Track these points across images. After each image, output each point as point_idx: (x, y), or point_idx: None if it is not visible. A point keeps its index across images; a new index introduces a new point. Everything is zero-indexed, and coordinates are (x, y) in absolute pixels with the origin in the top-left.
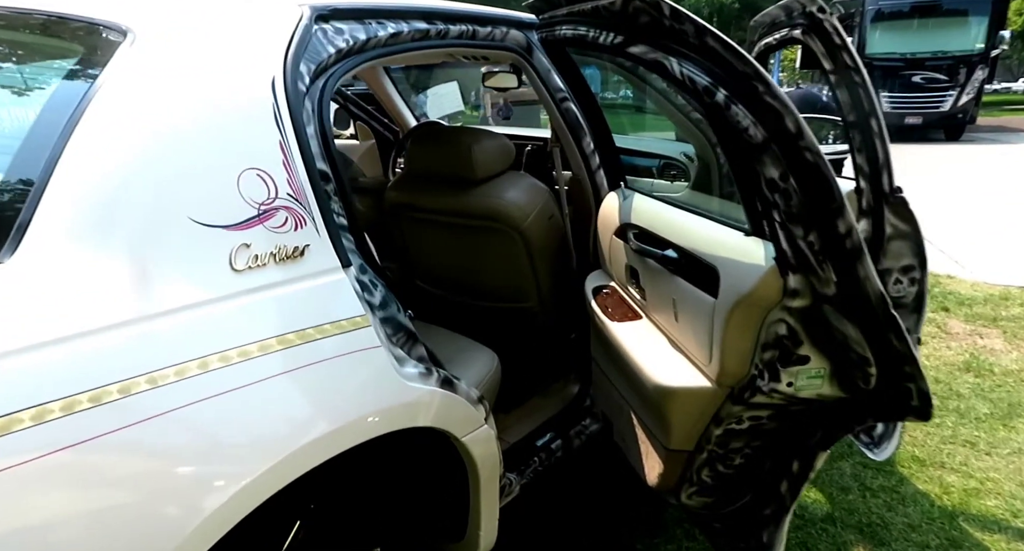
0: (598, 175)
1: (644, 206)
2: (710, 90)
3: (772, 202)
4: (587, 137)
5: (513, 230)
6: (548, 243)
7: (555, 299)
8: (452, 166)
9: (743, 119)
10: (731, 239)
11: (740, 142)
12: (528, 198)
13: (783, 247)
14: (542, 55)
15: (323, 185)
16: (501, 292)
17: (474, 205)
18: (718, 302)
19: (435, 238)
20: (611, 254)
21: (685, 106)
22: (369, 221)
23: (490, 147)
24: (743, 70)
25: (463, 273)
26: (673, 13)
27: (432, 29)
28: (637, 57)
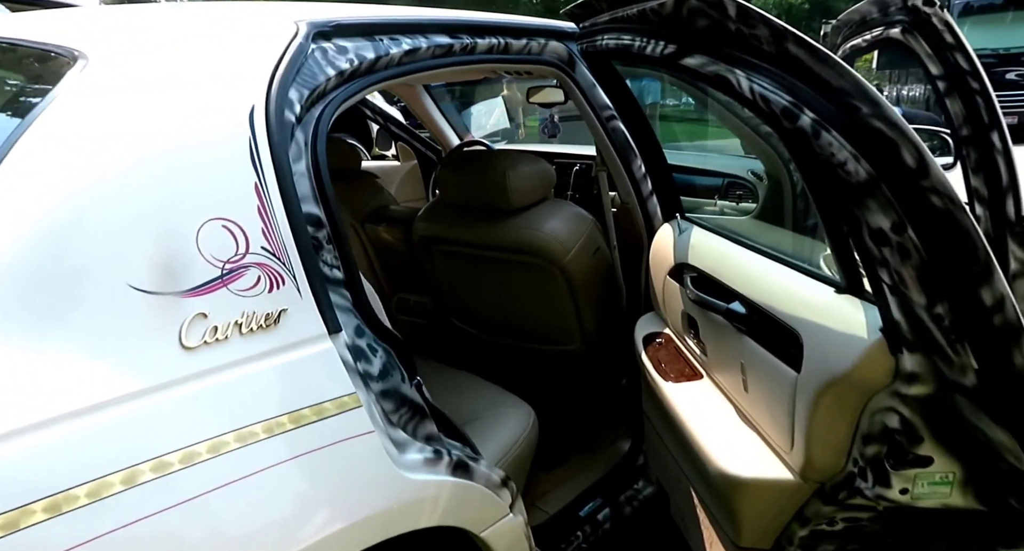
0: (650, 203)
1: (704, 244)
2: (791, 112)
3: (879, 259)
4: (638, 160)
5: (553, 265)
6: (593, 279)
7: (602, 342)
8: (484, 195)
9: (839, 151)
10: (818, 296)
11: (834, 180)
12: (570, 229)
13: (895, 317)
14: (585, 69)
15: (312, 232)
16: (542, 333)
17: (509, 238)
18: (802, 377)
19: (469, 273)
20: (665, 297)
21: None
22: (401, 254)
23: (526, 173)
24: (840, 85)
25: (500, 311)
26: (741, 13)
27: (456, 44)
28: (694, 71)
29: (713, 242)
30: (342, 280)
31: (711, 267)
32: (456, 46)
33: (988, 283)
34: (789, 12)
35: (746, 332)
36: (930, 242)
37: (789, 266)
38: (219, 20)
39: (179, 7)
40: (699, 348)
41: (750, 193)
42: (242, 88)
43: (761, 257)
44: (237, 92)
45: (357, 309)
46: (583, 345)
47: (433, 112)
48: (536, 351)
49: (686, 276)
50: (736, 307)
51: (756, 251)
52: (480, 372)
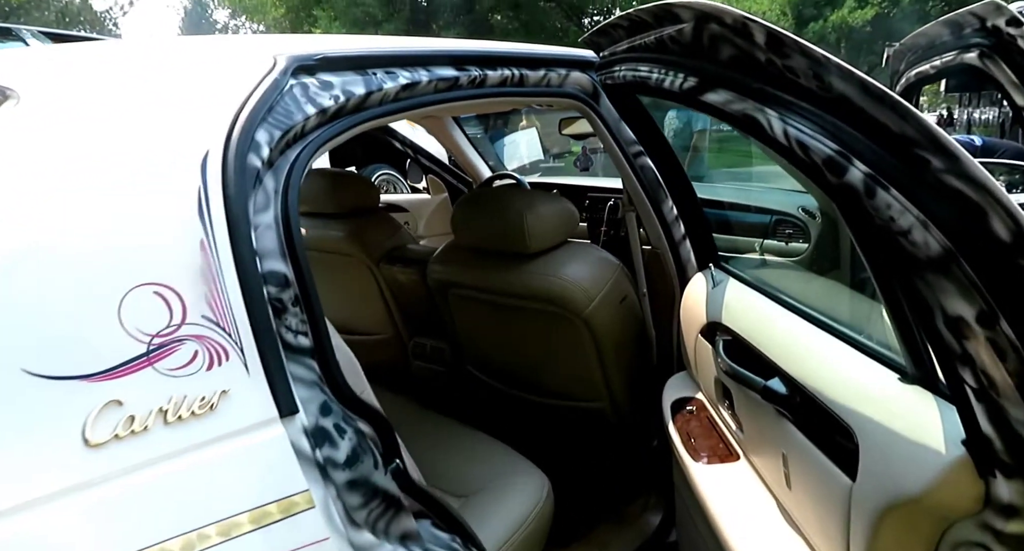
0: (683, 248)
1: (740, 300)
2: (837, 163)
3: (960, 354)
4: (668, 200)
5: (575, 316)
6: (620, 331)
7: (630, 399)
8: (500, 238)
9: (901, 215)
10: (877, 383)
11: (895, 251)
12: (594, 276)
13: (984, 430)
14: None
15: (275, 294)
16: (563, 388)
17: (527, 285)
18: (858, 488)
19: (486, 320)
20: (697, 358)
21: None
22: (419, 296)
23: (546, 214)
24: (901, 131)
25: (518, 362)
26: (772, 40)
27: (463, 77)
28: (718, 109)
29: (750, 299)
30: (309, 349)
31: (747, 330)
32: (463, 79)
33: None
34: (849, 36)
35: (788, 418)
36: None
37: (841, 338)
38: (186, 55)
39: (150, 43)
40: (735, 423)
41: (801, 232)
42: (197, 130)
43: (807, 323)
44: (190, 135)
45: (326, 382)
46: (609, 403)
47: (462, 143)
48: (557, 407)
49: (719, 339)
50: (776, 386)
51: (801, 314)
52: (496, 427)
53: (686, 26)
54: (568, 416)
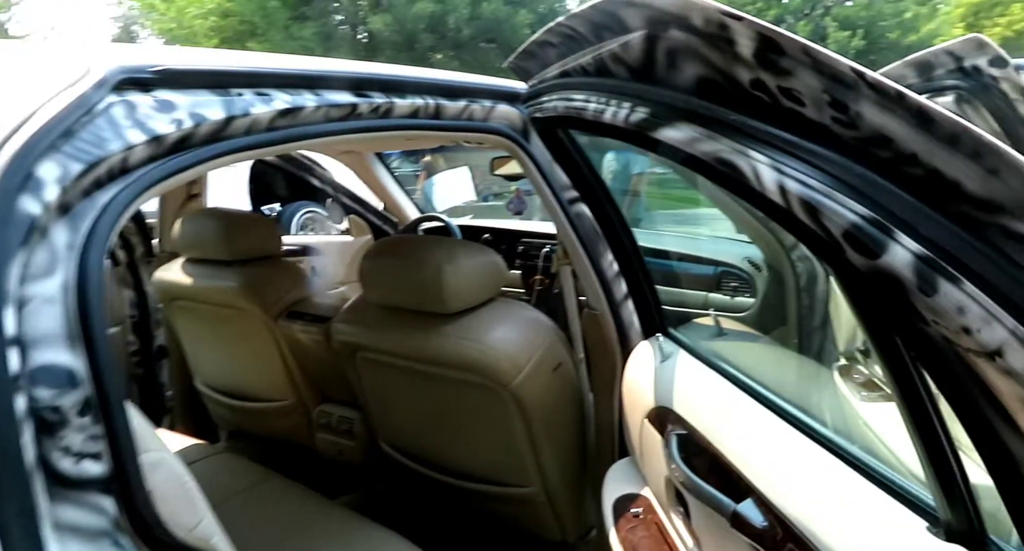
0: (624, 310)
1: (695, 382)
2: (869, 238)
3: None
4: (608, 254)
5: (500, 388)
6: (554, 404)
7: (566, 484)
8: (415, 295)
9: (984, 325)
10: (898, 532)
11: (964, 378)
12: (523, 341)
13: None
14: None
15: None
16: (489, 470)
17: (445, 350)
18: None
19: (400, 389)
20: (643, 447)
21: None
22: (323, 359)
23: (469, 268)
24: (988, 195)
25: (436, 439)
26: (765, 51)
27: (364, 104)
28: (678, 151)
29: (709, 383)
30: (100, 479)
31: (707, 426)
32: (363, 107)
33: None
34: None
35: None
36: None
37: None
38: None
39: None
40: (692, 539)
41: (747, 285)
42: None
43: (787, 425)
44: None
45: (130, 525)
46: (541, 489)
47: (385, 181)
48: (481, 493)
49: (670, 431)
50: (749, 513)
51: (779, 413)
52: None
53: (633, 38)
54: (494, 503)
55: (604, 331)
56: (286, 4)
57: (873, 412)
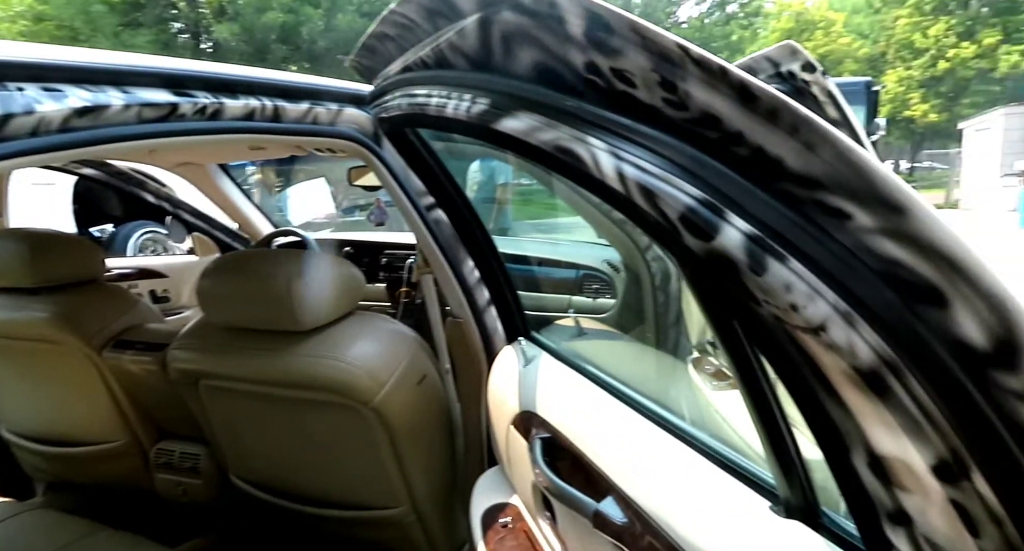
0: (488, 317)
1: (557, 384)
2: (702, 219)
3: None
4: (468, 261)
5: (362, 406)
6: (420, 418)
7: (435, 501)
8: (264, 313)
9: (809, 301)
10: (743, 512)
11: (795, 355)
12: (384, 355)
13: None
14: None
15: None
16: (353, 495)
17: (300, 371)
18: None
19: (250, 417)
20: (510, 454)
21: None
22: (161, 391)
23: (322, 281)
24: (807, 171)
25: (297, 468)
26: (595, 29)
27: (185, 104)
28: (520, 142)
29: (570, 383)
30: None
31: (569, 427)
32: (185, 107)
33: None
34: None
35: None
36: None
37: (678, 436)
38: None
39: None
40: (560, 544)
41: (607, 287)
42: None
43: (645, 420)
44: None
45: None
46: (410, 508)
47: (233, 195)
48: (346, 520)
49: (534, 435)
50: (610, 511)
51: (637, 408)
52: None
53: (468, 24)
54: (362, 529)
55: (468, 339)
56: (114, 9)
57: (723, 400)
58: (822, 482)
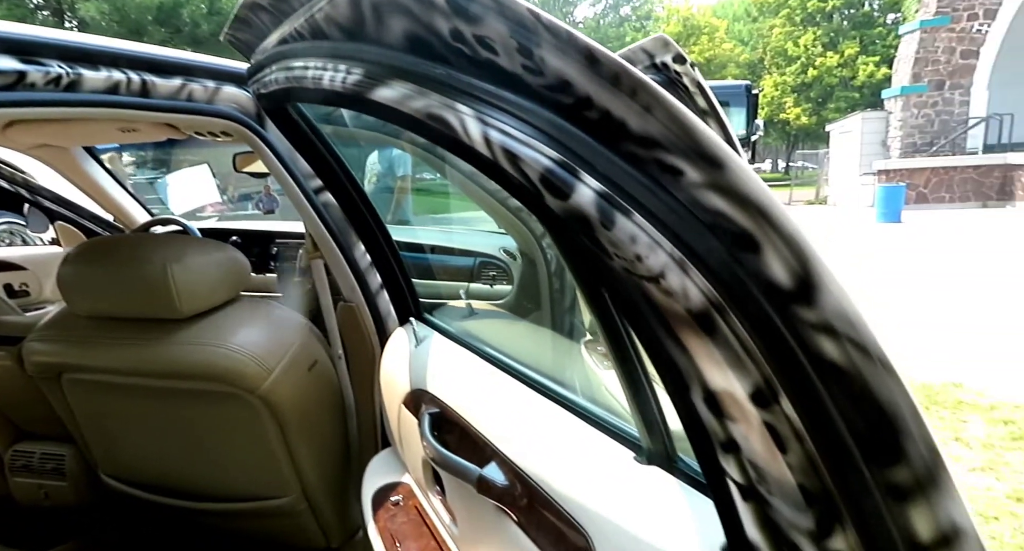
0: (380, 301)
1: (446, 360)
2: (559, 179)
3: (723, 440)
4: (359, 245)
5: (248, 394)
6: (310, 406)
7: (327, 487)
8: (136, 301)
9: (650, 252)
10: (611, 464)
11: (642, 302)
12: (271, 342)
13: (749, 536)
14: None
15: None
16: (240, 486)
17: (178, 360)
18: None
19: (122, 411)
20: (402, 433)
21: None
22: (18, 387)
23: (202, 265)
24: (644, 130)
25: (177, 462)
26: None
27: (36, 73)
28: (394, 111)
29: (459, 360)
30: None
31: (457, 401)
32: (35, 76)
33: (929, 503)
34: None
35: (510, 516)
36: (824, 425)
37: (568, 407)
38: None
39: None
40: (449, 515)
41: (504, 274)
42: None
43: (528, 389)
44: None
45: None
46: (301, 496)
47: (101, 180)
48: (232, 513)
49: (424, 411)
50: (493, 475)
51: (520, 378)
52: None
53: None
54: (250, 521)
55: (361, 323)
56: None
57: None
58: (680, 433)
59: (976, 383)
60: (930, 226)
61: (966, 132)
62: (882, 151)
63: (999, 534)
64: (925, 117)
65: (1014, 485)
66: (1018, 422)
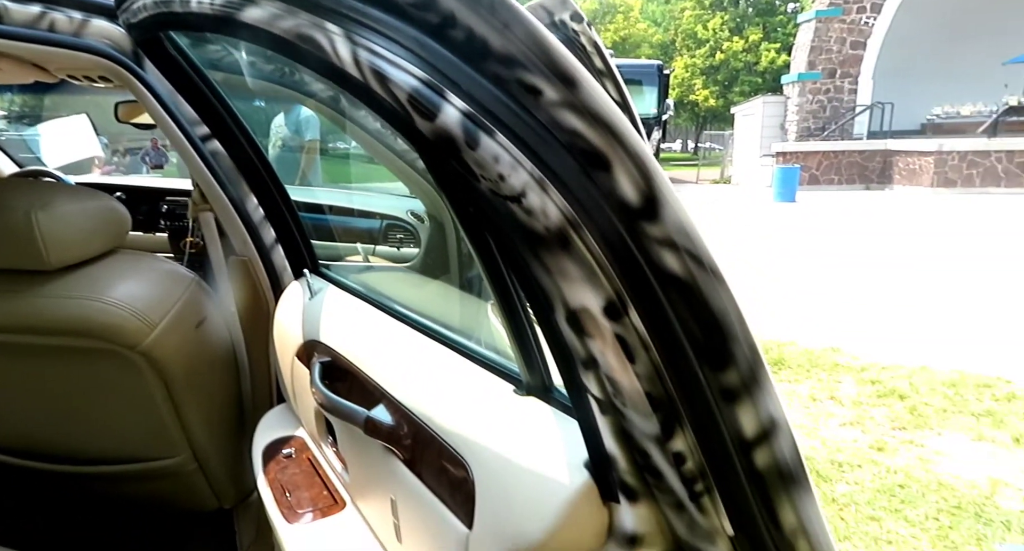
0: (275, 255)
1: (340, 312)
2: (426, 100)
3: (584, 357)
4: (252, 197)
5: (128, 350)
6: (199, 363)
7: (219, 447)
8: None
9: (512, 171)
10: (492, 398)
11: (507, 225)
12: (154, 296)
13: (608, 448)
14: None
15: None
16: (126, 447)
17: (50, 314)
18: (474, 537)
19: None
20: (295, 386)
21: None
22: None
23: (73, 214)
24: (503, 48)
25: (51, 424)
26: None
27: None
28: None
29: (352, 310)
30: None
31: (348, 348)
32: None
33: (752, 402)
34: None
35: (396, 455)
36: (665, 333)
37: (452, 347)
38: None
39: None
40: (340, 463)
41: (412, 237)
42: None
43: (417, 334)
44: None
45: None
46: (190, 457)
47: None
48: (114, 476)
49: (315, 361)
50: (379, 416)
51: (410, 324)
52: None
53: None
54: (136, 484)
55: (254, 278)
56: None
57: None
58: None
59: (852, 348)
60: (820, 207)
61: (853, 119)
62: (781, 134)
63: (861, 480)
64: (818, 103)
65: (876, 437)
66: (884, 382)
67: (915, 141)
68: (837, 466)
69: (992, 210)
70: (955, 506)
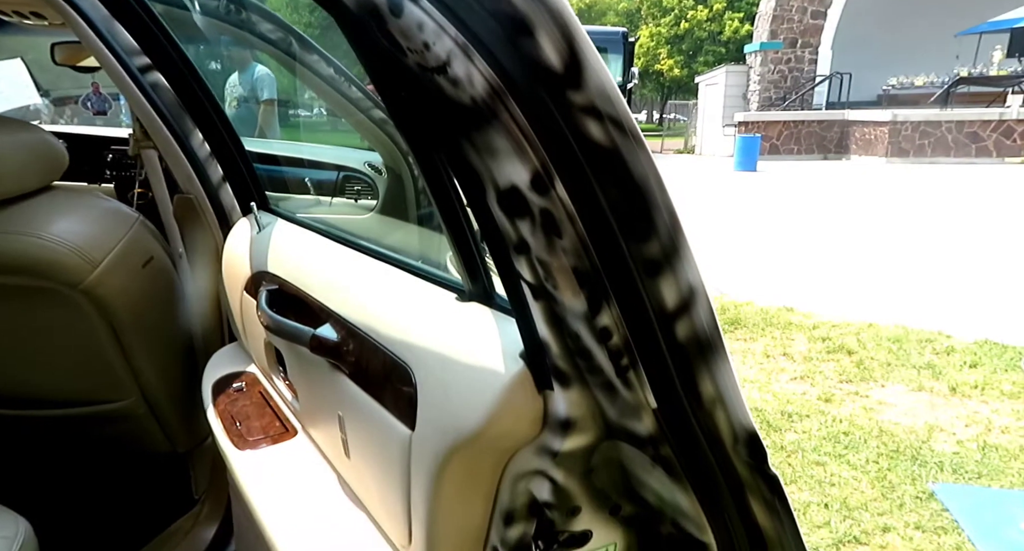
0: (223, 193)
1: (288, 243)
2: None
3: (515, 241)
4: (197, 133)
5: (69, 289)
6: (146, 304)
7: (170, 389)
8: None
9: (437, 39)
10: (433, 308)
11: (435, 102)
12: (95, 234)
13: (541, 335)
14: None
15: None
16: (71, 390)
17: None
18: (417, 436)
19: None
20: (244, 321)
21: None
22: None
23: (3, 145)
24: None
25: None
26: None
27: None
28: None
29: (300, 239)
30: None
31: (295, 275)
32: None
33: (673, 272)
34: None
35: (342, 370)
36: (590, 203)
37: (399, 266)
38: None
39: None
40: (290, 392)
41: (369, 189)
42: None
43: (362, 255)
44: None
45: None
46: (140, 399)
47: None
48: (59, 419)
49: (263, 290)
50: (325, 333)
51: (356, 247)
52: None
53: None
54: (85, 428)
55: (201, 216)
56: None
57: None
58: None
59: (805, 307)
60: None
61: (813, 89)
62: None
63: (809, 429)
64: (780, 73)
65: (824, 389)
66: (833, 339)
67: (871, 112)
68: (787, 417)
69: (939, 182)
70: (894, 450)
